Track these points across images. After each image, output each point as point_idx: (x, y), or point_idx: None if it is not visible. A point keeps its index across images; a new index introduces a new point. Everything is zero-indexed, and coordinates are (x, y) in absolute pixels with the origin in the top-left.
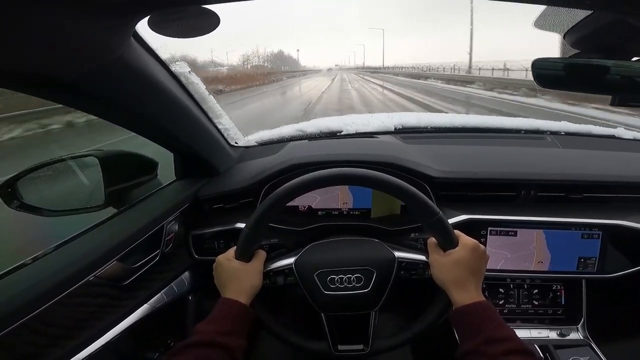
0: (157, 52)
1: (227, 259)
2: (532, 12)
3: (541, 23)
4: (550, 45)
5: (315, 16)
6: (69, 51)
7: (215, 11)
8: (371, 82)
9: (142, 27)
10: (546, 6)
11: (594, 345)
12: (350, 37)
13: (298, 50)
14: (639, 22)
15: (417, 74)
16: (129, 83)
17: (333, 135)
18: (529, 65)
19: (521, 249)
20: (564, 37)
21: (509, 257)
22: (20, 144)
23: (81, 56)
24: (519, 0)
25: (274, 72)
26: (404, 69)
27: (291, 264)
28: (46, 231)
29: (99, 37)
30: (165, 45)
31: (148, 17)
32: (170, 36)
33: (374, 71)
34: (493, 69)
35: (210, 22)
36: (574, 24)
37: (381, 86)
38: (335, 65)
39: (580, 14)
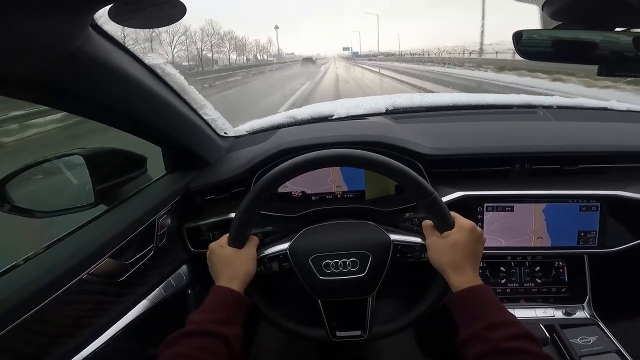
0: (123, 43)
1: (220, 245)
2: None
3: None
4: None
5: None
6: (18, 47)
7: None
8: None
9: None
10: None
11: (601, 324)
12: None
13: (276, 28)
14: None
15: None
16: (94, 76)
17: (324, 119)
18: None
19: (519, 225)
20: (542, 8)
21: (508, 233)
22: None
23: (33, 52)
24: None
25: None
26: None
27: (285, 250)
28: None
29: (51, 31)
30: None
31: (108, 7)
32: (133, 27)
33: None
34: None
35: (176, 11)
36: None
37: None
38: (344, 48)
39: None
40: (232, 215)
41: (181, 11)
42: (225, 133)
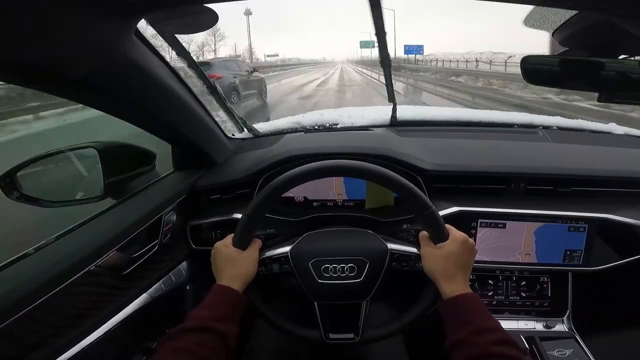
0: (157, 48)
1: (225, 245)
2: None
3: (530, 21)
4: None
5: None
6: (76, 49)
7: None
8: None
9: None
10: (534, 6)
11: (578, 338)
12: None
13: (248, 13)
14: (622, 22)
15: None
16: (132, 79)
17: (329, 128)
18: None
19: (509, 241)
20: (552, 35)
21: (498, 249)
22: None
23: (87, 54)
24: (506, 0)
25: None
26: None
27: (287, 252)
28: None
29: (103, 35)
30: None
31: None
32: (170, 33)
33: None
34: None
35: (209, 19)
36: (561, 22)
37: None
38: (362, 44)
39: (568, 13)
40: (236, 215)
41: (214, 19)
42: (232, 135)
